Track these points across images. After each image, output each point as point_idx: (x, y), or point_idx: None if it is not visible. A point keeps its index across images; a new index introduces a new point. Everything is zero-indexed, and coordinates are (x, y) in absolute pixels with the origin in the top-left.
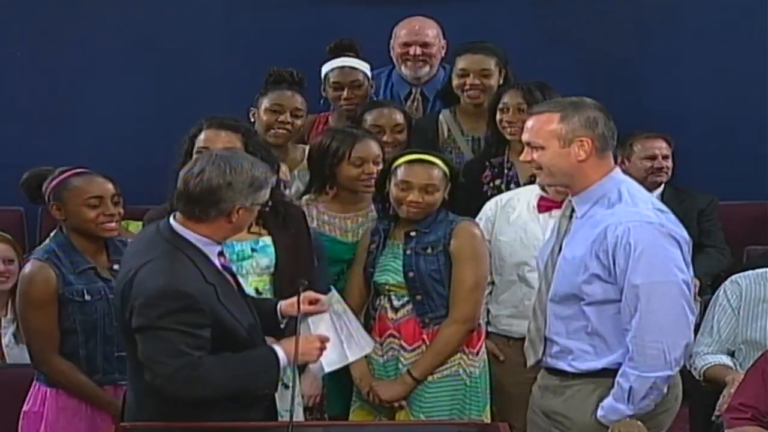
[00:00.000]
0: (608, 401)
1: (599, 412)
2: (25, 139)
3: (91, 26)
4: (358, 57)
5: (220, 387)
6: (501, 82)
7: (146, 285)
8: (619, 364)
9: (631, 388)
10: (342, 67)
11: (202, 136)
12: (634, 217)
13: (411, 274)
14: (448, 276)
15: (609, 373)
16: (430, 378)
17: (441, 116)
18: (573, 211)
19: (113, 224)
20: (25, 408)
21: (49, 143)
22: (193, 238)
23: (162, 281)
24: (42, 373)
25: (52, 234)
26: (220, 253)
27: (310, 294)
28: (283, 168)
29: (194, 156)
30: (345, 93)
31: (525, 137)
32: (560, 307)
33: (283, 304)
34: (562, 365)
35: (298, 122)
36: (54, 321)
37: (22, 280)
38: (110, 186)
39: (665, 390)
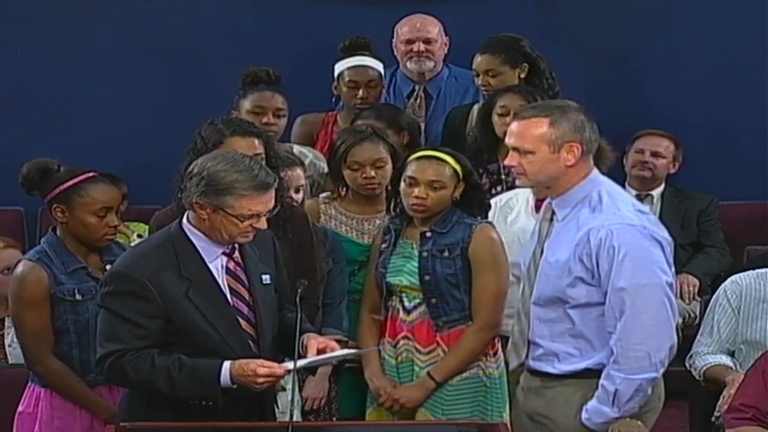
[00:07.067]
0: (592, 404)
1: (583, 415)
2: (25, 139)
3: (92, 26)
4: (372, 56)
5: (141, 385)
6: (523, 75)
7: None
8: (602, 365)
9: (616, 390)
10: (358, 66)
11: (227, 143)
12: (616, 219)
13: (427, 278)
14: (464, 280)
15: (591, 374)
16: (449, 380)
17: (475, 106)
18: (553, 213)
19: (113, 237)
20: (19, 409)
21: (50, 143)
22: (195, 236)
23: (121, 263)
24: (36, 373)
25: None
26: (230, 257)
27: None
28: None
29: None
30: (361, 92)
31: (511, 141)
32: (544, 310)
33: (310, 342)
34: (546, 368)
35: (281, 122)
36: (47, 321)
37: (14, 281)
38: (118, 195)
39: (650, 391)
